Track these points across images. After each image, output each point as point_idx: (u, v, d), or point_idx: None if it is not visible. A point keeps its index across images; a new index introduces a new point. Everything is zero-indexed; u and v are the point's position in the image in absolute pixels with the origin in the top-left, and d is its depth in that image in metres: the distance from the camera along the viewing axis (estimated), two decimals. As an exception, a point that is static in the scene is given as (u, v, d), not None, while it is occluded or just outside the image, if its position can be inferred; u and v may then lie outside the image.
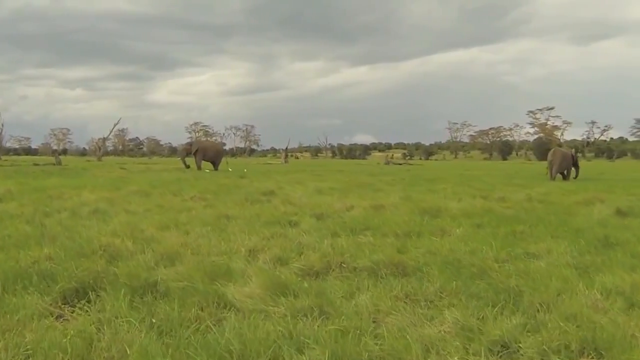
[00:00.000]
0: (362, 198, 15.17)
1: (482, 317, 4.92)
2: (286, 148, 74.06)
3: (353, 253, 7.35)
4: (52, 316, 4.92)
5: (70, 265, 6.17)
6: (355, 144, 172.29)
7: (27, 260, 6.55)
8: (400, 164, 69.96)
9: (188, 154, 37.78)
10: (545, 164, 32.78)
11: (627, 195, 17.42)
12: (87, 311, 5.04)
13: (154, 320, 4.60)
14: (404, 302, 5.40)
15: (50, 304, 5.16)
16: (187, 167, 36.96)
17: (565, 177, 29.05)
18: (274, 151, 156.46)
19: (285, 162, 67.39)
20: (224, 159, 39.72)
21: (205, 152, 37.39)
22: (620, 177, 33.91)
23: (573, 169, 29.69)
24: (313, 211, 11.81)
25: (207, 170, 35.53)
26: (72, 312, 5.06)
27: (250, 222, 10.28)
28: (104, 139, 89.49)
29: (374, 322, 4.87)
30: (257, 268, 6.45)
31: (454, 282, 5.86)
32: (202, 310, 4.93)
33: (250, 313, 4.92)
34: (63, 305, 5.20)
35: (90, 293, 5.40)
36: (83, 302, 5.25)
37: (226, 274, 6.17)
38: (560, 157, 29.08)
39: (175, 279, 5.86)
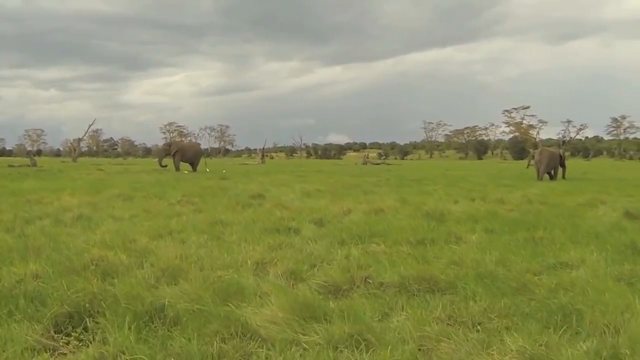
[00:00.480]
0: (357, 201, 14.50)
1: (545, 342, 4.25)
2: (263, 148, 73.21)
3: (372, 265, 6.67)
4: (46, 351, 4.14)
5: (61, 284, 5.39)
6: (330, 144, 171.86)
7: (11, 279, 5.72)
8: (377, 164, 69.52)
9: (167, 154, 36.91)
10: (523, 162, 32.38)
11: (625, 197, 16.99)
12: (85, 343, 4.29)
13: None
14: (449, 324, 4.73)
15: (42, 334, 4.38)
16: (164, 166, 36.26)
17: (552, 177, 28.62)
18: (248, 151, 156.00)
19: (262, 162, 66.58)
20: (202, 160, 38.86)
21: (184, 153, 36.52)
22: (605, 176, 33.69)
23: (560, 168, 29.30)
24: (311, 216, 11.11)
25: (186, 172, 34.74)
26: (67, 344, 4.30)
27: (247, 229, 9.56)
28: (79, 140, 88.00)
29: (422, 350, 4.19)
30: (272, 285, 5.74)
31: (502, 301, 5.17)
32: (224, 342, 4.18)
33: (281, 344, 4.19)
34: (56, 335, 4.43)
35: (86, 319, 4.63)
36: (79, 329, 4.50)
37: (238, 293, 5.43)
38: (547, 157, 28.64)
39: (182, 300, 5.11)
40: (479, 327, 4.69)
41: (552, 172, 28.75)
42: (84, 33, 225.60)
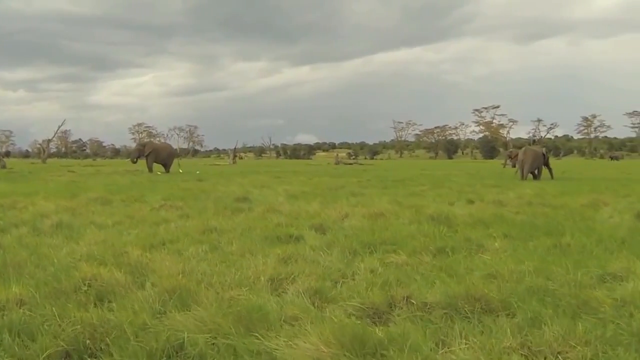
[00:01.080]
0: (350, 204, 13.70)
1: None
2: (234, 149, 72.17)
3: (404, 281, 5.88)
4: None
5: (51, 311, 4.50)
6: (299, 144, 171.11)
7: (-9, 307, 4.82)
8: (350, 164, 68.93)
9: (141, 155, 35.78)
10: (495, 162, 31.91)
11: (622, 197, 16.46)
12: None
13: None
14: (524, 355, 3.97)
15: (34, 382, 3.51)
16: (134, 162, 36.16)
17: (536, 177, 28.09)
18: (217, 152, 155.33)
19: (234, 162, 65.61)
20: (175, 161, 37.81)
21: (158, 154, 35.45)
22: (587, 175, 33.42)
23: (545, 168, 28.78)
24: (309, 222, 10.31)
25: (159, 173, 33.81)
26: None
27: (246, 238, 8.70)
28: (49, 141, 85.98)
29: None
30: (298, 308, 4.90)
31: (580, 324, 4.39)
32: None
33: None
34: (52, 382, 3.56)
35: (88, 360, 3.76)
36: (79, 374, 3.64)
37: (262, 319, 4.57)
38: (531, 157, 28.10)
39: (199, 330, 4.25)
40: (560, 357, 3.93)
41: (536, 171, 28.23)
42: (52, 33, 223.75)
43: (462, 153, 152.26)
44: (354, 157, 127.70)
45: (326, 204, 13.85)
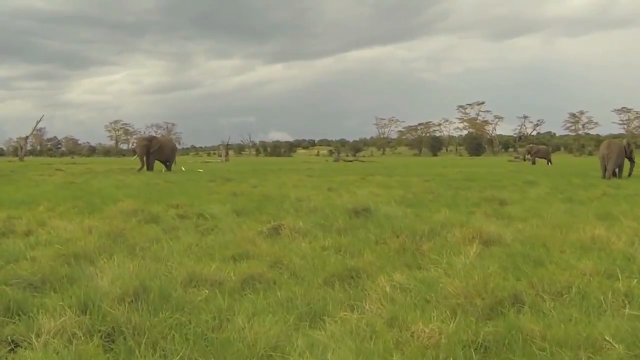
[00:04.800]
0: (529, 220, 8.72)
1: None
2: (227, 145, 67.09)
3: None
4: None
5: None
6: (278, 142, 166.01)
7: None
8: (350, 161, 64.45)
9: (148, 151, 30.06)
10: (487, 157, 27.05)
11: None
12: None
13: None
14: None
15: None
16: (140, 169, 29.25)
17: (617, 175, 23.33)
18: (195, 149, 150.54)
19: (226, 160, 61.01)
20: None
21: (162, 150, 30.01)
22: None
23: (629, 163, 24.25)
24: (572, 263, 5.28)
25: (163, 171, 28.65)
26: None
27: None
28: (26, 138, 79.98)
29: None
30: None
31: None
32: None
33: None
34: None
35: None
36: None
37: None
38: (617, 150, 23.29)
39: None
40: None
41: (618, 168, 23.52)
42: (24, 31, 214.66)
43: (447, 150, 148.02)
44: (335, 153, 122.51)
45: (492, 218, 9.01)
